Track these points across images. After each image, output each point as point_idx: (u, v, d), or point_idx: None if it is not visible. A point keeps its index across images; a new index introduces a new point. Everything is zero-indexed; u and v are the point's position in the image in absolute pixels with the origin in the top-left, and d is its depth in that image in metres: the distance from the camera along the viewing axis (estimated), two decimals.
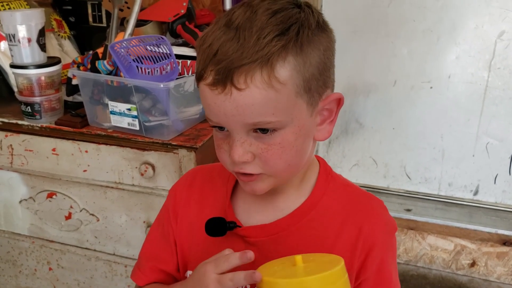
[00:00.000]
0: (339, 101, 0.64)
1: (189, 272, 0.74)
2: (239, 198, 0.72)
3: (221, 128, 0.61)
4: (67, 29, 1.54)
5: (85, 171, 1.23)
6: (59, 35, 1.50)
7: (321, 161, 0.72)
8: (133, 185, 1.20)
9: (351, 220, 0.66)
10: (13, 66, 1.20)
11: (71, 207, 1.29)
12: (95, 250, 1.32)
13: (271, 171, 0.61)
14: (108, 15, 1.50)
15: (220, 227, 0.67)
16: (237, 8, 0.58)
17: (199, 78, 0.59)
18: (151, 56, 1.09)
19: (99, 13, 1.54)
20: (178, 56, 1.19)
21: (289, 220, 0.67)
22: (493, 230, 1.57)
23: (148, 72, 1.10)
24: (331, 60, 0.62)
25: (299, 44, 0.56)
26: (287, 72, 0.56)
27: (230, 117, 0.57)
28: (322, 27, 0.60)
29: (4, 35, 1.26)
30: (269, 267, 0.58)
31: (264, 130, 0.58)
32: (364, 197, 0.70)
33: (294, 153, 0.61)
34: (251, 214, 0.70)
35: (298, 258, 0.54)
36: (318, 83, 0.60)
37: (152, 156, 1.15)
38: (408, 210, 1.67)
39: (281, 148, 0.59)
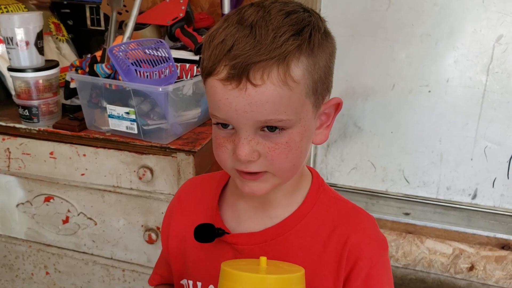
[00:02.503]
0: (338, 106, 0.65)
1: (184, 281, 0.74)
2: (228, 205, 0.72)
3: (224, 126, 0.60)
4: (65, 32, 1.54)
5: (83, 174, 1.22)
6: (57, 38, 1.50)
7: (314, 173, 0.72)
8: (131, 189, 1.19)
9: (339, 231, 0.66)
10: (10, 69, 1.19)
11: (68, 211, 1.29)
12: (92, 254, 1.32)
13: (276, 170, 0.61)
14: (107, 18, 1.50)
15: (209, 233, 0.67)
16: (247, 7, 0.59)
17: (209, 73, 0.58)
18: (150, 60, 1.08)
19: (98, 17, 1.54)
20: (177, 60, 1.18)
21: (278, 229, 0.67)
22: (491, 234, 1.57)
23: (147, 75, 1.10)
24: (333, 66, 0.63)
25: (312, 46, 0.57)
26: (300, 72, 0.56)
27: (242, 113, 0.56)
28: (328, 33, 0.62)
29: (2, 38, 1.26)
30: (234, 263, 0.60)
31: (272, 129, 0.58)
32: (354, 210, 0.70)
33: (299, 153, 0.61)
34: (241, 222, 0.70)
35: (263, 259, 0.57)
36: (323, 86, 0.61)
37: (150, 160, 1.15)
38: (407, 214, 1.67)
39: (288, 148, 0.59)
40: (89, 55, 1.22)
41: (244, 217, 0.70)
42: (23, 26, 1.16)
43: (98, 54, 1.20)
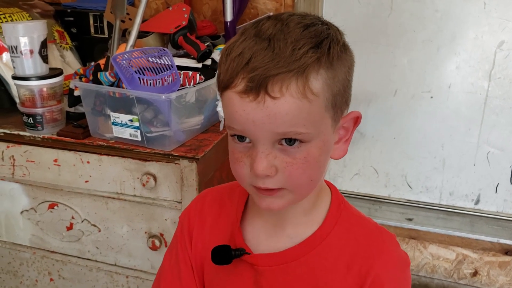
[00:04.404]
0: (357, 120, 0.64)
1: None
2: (248, 223, 0.70)
3: (241, 139, 0.59)
4: (69, 40, 1.55)
5: (86, 181, 1.23)
6: (61, 46, 1.51)
7: (333, 188, 0.71)
8: (134, 195, 1.20)
9: (362, 254, 0.65)
10: (15, 77, 1.20)
11: (72, 217, 1.29)
12: (96, 261, 1.32)
13: (293, 186, 0.59)
14: (110, 26, 1.51)
15: (226, 255, 0.66)
16: (264, 20, 0.58)
17: (226, 86, 0.57)
18: (153, 68, 1.09)
19: (101, 24, 1.55)
20: (180, 67, 1.19)
21: (299, 250, 0.65)
22: (495, 240, 1.57)
23: (150, 83, 1.11)
24: (352, 79, 0.63)
25: (331, 58, 0.56)
26: (319, 85, 0.56)
27: (260, 125, 0.55)
28: (346, 46, 0.61)
29: (6, 46, 1.27)
30: None
31: (291, 142, 0.57)
32: (376, 231, 0.68)
33: (317, 168, 0.60)
34: (260, 241, 0.68)
35: None
36: (342, 99, 0.60)
37: (153, 167, 1.15)
38: (410, 220, 1.66)
39: (306, 163, 0.58)
40: (92, 63, 1.23)
41: (263, 236, 0.68)
42: (28, 34, 1.17)
43: (102, 62, 1.21)
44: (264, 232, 0.68)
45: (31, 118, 1.21)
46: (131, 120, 1.13)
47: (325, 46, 0.56)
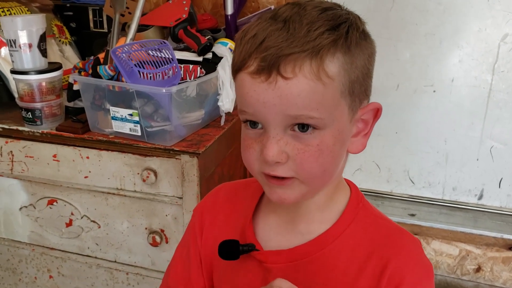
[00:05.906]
0: (377, 112, 0.61)
1: None
2: (261, 219, 0.68)
3: (253, 125, 0.57)
4: (68, 35, 1.54)
5: (86, 177, 1.21)
6: (60, 40, 1.50)
7: (353, 186, 0.68)
8: (135, 191, 1.19)
9: (378, 253, 0.61)
10: (13, 71, 1.19)
11: (72, 214, 1.28)
12: (96, 258, 1.31)
13: (304, 175, 0.56)
14: (109, 20, 1.50)
15: (233, 250, 0.64)
16: (282, 6, 0.58)
17: (239, 68, 0.56)
18: (153, 61, 1.08)
19: (100, 19, 1.54)
20: (180, 61, 1.18)
21: (310, 247, 0.62)
22: (498, 235, 1.56)
23: (150, 77, 1.10)
24: (372, 69, 0.61)
25: (348, 43, 0.55)
26: (335, 68, 0.54)
27: (271, 106, 0.53)
28: (367, 34, 0.59)
29: (4, 40, 1.25)
30: None
31: (303, 128, 0.54)
32: (396, 231, 0.64)
33: (331, 158, 0.57)
34: (271, 236, 0.66)
35: None
36: (361, 88, 0.58)
37: (154, 162, 1.14)
38: (412, 215, 1.65)
39: (319, 151, 0.55)
40: (92, 57, 1.22)
41: (274, 232, 0.66)
42: (26, 28, 1.16)
43: (101, 56, 1.19)
44: (275, 228, 0.66)
45: (30, 113, 1.20)
46: (131, 115, 1.11)
47: (343, 29, 0.54)
